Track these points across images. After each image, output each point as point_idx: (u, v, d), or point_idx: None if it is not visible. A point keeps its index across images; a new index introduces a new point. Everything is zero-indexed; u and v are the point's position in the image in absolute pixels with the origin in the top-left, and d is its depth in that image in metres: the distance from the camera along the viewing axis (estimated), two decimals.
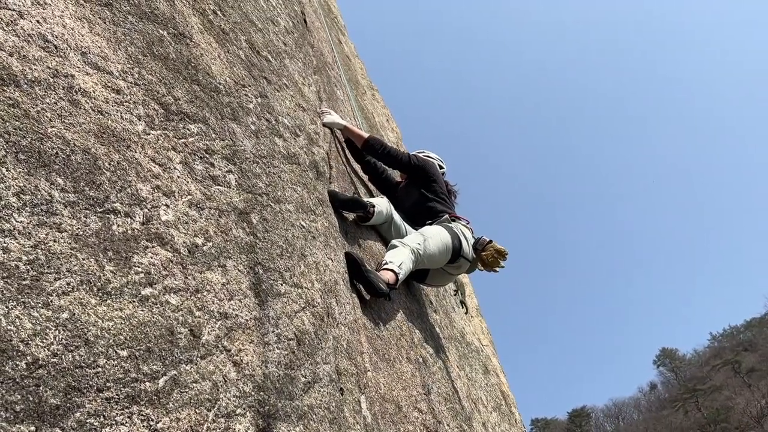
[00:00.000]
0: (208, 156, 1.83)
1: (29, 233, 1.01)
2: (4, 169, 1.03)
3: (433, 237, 3.46)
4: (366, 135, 3.96)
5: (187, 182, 1.63)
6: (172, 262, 1.36)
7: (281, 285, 1.86)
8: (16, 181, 1.05)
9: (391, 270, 2.97)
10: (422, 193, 3.97)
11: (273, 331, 1.68)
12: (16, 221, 1.00)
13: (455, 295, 4.96)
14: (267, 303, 1.72)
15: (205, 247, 1.53)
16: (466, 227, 3.84)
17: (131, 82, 1.62)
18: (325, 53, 5.24)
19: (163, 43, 1.92)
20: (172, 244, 1.40)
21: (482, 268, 3.80)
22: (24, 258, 0.98)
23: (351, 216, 3.28)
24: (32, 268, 0.98)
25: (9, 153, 1.07)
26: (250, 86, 2.54)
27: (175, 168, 1.60)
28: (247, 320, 1.56)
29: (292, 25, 4.11)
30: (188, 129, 1.80)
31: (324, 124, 3.63)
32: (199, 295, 1.40)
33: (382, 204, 3.45)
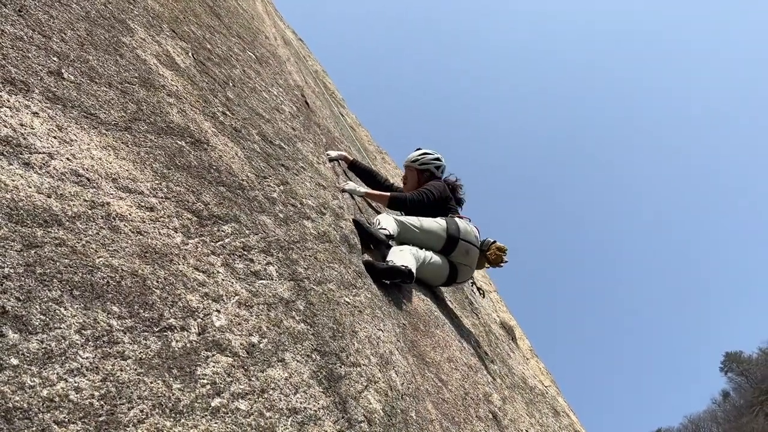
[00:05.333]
0: (246, 253, 1.84)
1: (96, 367, 1.01)
2: (63, 309, 1.04)
3: (425, 219, 3.97)
4: (387, 194, 4.22)
5: (232, 283, 1.63)
6: (234, 366, 1.35)
7: (340, 367, 1.83)
8: (76, 318, 1.05)
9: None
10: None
11: (343, 417, 1.64)
12: (82, 358, 1.00)
13: (472, 285, 4.96)
14: (331, 389, 1.68)
15: (261, 345, 1.52)
16: (466, 222, 4.16)
17: (162, 197, 1.65)
18: (331, 129, 5.35)
19: (183, 153, 1.97)
20: (231, 349, 1.39)
21: (487, 266, 4.27)
22: (96, 394, 0.97)
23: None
24: (105, 403, 0.97)
25: (64, 292, 1.08)
26: (270, 176, 2.59)
27: (218, 272, 1.61)
28: (316, 410, 1.52)
29: (297, 110, 4.22)
30: (222, 230, 1.82)
31: (343, 191, 3.81)
32: (266, 395, 1.38)
33: (410, 259, 3.47)
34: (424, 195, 4.21)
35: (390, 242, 3.58)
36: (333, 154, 4.31)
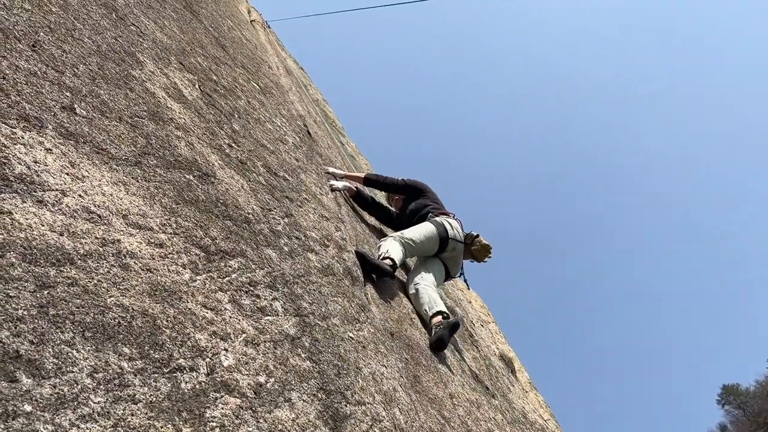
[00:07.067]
0: (252, 288, 1.84)
1: (108, 413, 1.00)
2: (75, 352, 1.03)
3: (415, 229, 4.27)
4: (362, 174, 4.98)
5: (239, 320, 1.62)
6: (242, 408, 1.33)
7: (345, 406, 1.81)
8: (87, 360, 1.04)
9: (387, 257, 3.70)
10: (417, 204, 4.77)
11: None
12: (94, 403, 0.99)
13: (460, 276, 5.10)
14: (336, 429, 1.66)
15: (268, 384, 1.50)
16: (451, 219, 4.53)
17: (171, 233, 1.65)
18: (333, 159, 5.38)
19: (191, 187, 1.98)
20: (239, 389, 1.37)
21: (472, 260, 4.62)
22: None
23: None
24: None
25: (76, 334, 1.07)
26: (275, 209, 2.59)
27: (225, 309, 1.60)
28: None
29: (300, 140, 4.24)
30: (229, 266, 1.81)
31: (327, 172, 4.48)
32: None
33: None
34: (395, 178, 4.99)
35: (395, 272, 3.71)
36: (338, 184, 4.37)
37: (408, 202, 4.93)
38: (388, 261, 3.65)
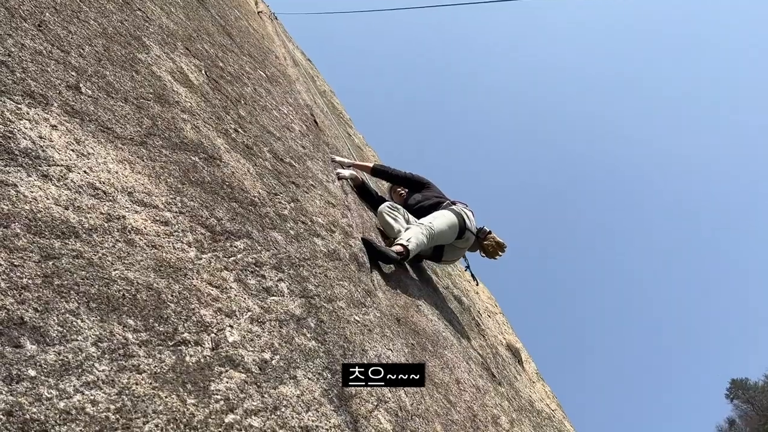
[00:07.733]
0: (258, 269, 1.84)
1: (112, 380, 1.00)
2: (80, 321, 1.03)
3: (440, 217, 4.27)
4: (370, 165, 5.00)
5: (245, 299, 1.62)
6: (246, 382, 1.33)
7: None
8: (92, 330, 1.05)
9: (400, 244, 3.69)
10: (423, 195, 4.80)
11: None
12: (99, 371, 0.99)
13: (466, 270, 5.16)
14: (341, 407, 1.66)
15: (273, 361, 1.51)
16: (466, 208, 4.59)
17: (176, 212, 1.65)
18: (339, 148, 5.37)
19: (197, 169, 1.98)
20: (244, 365, 1.37)
21: (483, 255, 4.60)
22: (112, 407, 0.96)
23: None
24: (121, 416, 0.96)
25: (81, 304, 1.07)
26: (281, 193, 2.59)
27: (230, 287, 1.61)
28: (327, 429, 1.50)
29: (306, 128, 4.24)
30: (235, 246, 1.81)
31: (332, 160, 4.50)
32: (278, 413, 1.36)
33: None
34: (402, 171, 5.05)
35: (404, 260, 3.72)
36: (345, 173, 4.38)
37: (411, 195, 4.95)
38: (398, 248, 3.64)
